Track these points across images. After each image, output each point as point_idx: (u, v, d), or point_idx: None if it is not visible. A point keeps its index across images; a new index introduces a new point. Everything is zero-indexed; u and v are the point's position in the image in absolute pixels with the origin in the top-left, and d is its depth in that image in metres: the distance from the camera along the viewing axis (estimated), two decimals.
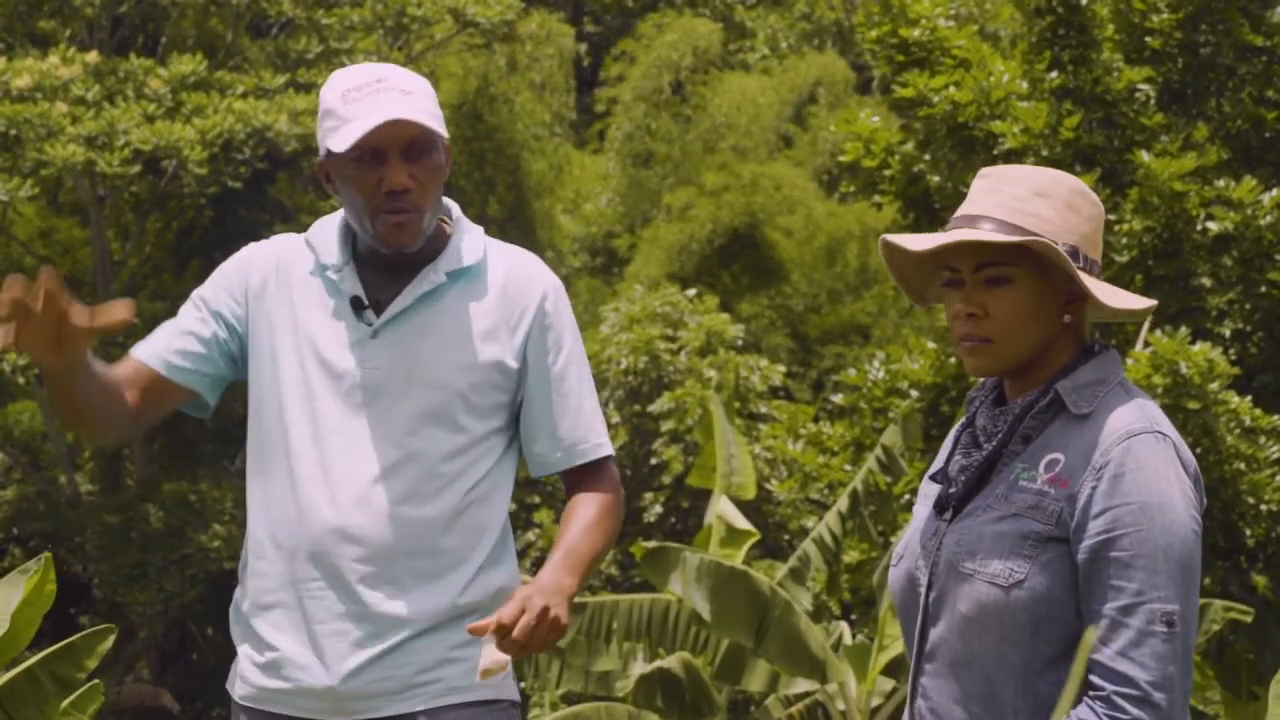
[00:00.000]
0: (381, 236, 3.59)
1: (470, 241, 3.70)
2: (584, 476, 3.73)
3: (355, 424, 3.60)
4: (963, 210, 3.09)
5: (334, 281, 3.66)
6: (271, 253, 3.73)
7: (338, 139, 3.55)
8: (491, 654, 3.43)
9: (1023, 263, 3.03)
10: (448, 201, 3.73)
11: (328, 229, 3.72)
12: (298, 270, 3.70)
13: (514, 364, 3.65)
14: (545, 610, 3.40)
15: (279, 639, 3.60)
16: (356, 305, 3.64)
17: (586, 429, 3.71)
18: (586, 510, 3.68)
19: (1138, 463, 2.95)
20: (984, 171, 3.14)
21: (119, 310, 3.24)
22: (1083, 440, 2.99)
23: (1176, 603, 2.91)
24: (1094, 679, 2.92)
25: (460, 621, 3.60)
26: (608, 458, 3.74)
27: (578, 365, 3.71)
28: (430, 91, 3.61)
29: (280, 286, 3.69)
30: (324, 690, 3.57)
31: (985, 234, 3.03)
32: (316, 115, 3.67)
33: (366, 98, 3.54)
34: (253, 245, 3.79)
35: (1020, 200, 3.05)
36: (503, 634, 3.38)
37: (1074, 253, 3.03)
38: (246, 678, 3.65)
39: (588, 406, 3.72)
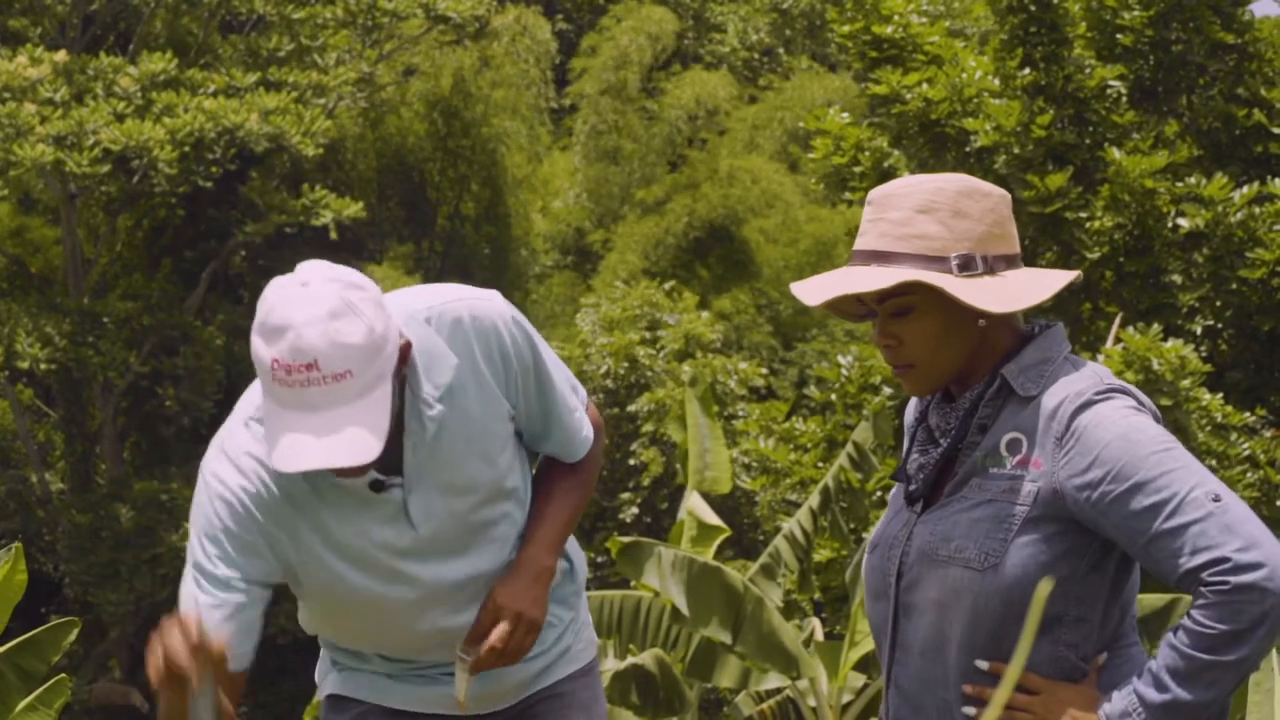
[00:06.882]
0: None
1: (435, 350, 3.39)
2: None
3: (435, 570, 3.48)
4: (856, 245, 3.08)
5: (333, 479, 3.38)
6: (254, 489, 3.39)
7: (266, 438, 3.23)
8: (465, 677, 3.46)
9: (920, 290, 3.03)
10: (388, 313, 3.26)
11: None
12: (293, 488, 3.39)
13: (511, 409, 3.50)
14: (519, 615, 3.44)
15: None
16: (376, 487, 3.39)
17: (574, 433, 3.62)
18: (566, 471, 3.64)
19: (1097, 417, 2.96)
20: (870, 196, 3.11)
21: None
22: (1040, 418, 3.00)
23: (1209, 481, 2.90)
24: (1191, 591, 2.89)
25: (554, 594, 3.63)
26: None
27: (552, 382, 3.55)
28: (367, 344, 3.16)
29: (288, 512, 3.40)
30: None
31: (857, 284, 3.02)
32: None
33: (295, 387, 3.15)
34: (228, 490, 3.41)
35: (902, 225, 3.04)
36: (480, 642, 3.43)
37: (968, 261, 3.02)
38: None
39: (575, 416, 3.60)
